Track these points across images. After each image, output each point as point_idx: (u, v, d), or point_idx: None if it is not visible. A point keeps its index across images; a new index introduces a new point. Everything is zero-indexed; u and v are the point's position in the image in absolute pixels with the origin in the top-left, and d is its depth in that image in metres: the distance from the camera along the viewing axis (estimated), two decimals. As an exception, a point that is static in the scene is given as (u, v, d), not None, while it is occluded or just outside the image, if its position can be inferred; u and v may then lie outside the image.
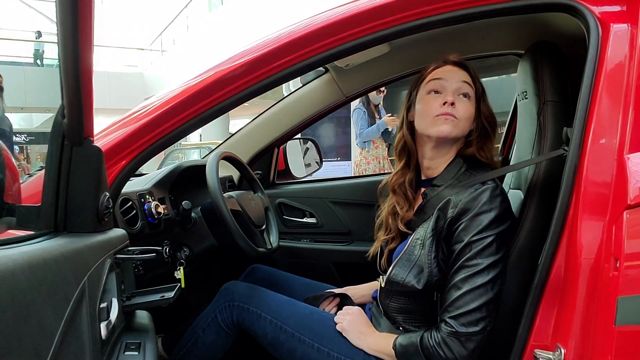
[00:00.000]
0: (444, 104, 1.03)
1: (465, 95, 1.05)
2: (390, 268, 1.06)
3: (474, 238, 0.95)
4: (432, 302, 1.02)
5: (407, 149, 1.14)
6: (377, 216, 1.22)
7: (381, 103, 4.19)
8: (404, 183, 1.13)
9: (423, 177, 1.13)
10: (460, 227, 0.96)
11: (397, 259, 1.05)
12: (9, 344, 0.44)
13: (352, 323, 1.11)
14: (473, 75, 1.07)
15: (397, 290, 1.06)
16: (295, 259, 1.88)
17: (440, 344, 0.94)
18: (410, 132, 1.13)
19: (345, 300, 1.32)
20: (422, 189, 1.12)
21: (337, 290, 1.36)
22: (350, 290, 1.36)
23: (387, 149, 4.14)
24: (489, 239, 0.94)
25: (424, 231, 1.02)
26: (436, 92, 1.05)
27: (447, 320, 0.94)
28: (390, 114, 4.06)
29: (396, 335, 1.04)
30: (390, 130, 4.00)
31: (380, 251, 1.18)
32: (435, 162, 1.09)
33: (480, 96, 1.07)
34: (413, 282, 1.01)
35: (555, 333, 0.86)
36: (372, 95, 3.96)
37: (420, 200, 1.10)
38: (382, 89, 3.96)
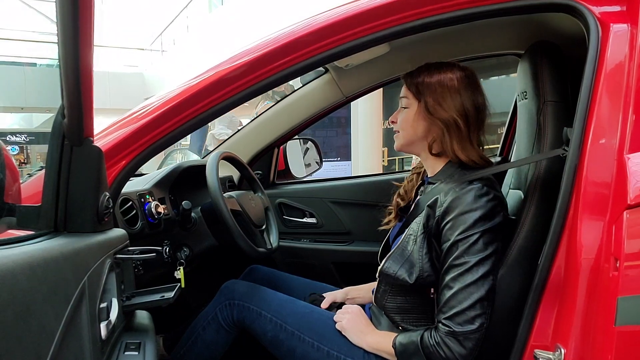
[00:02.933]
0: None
1: (404, 107, 1.12)
2: (384, 261, 1.07)
3: (459, 237, 0.96)
4: (429, 299, 1.03)
5: None
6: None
7: None
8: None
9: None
10: (447, 226, 0.98)
11: (390, 253, 1.06)
12: (9, 344, 0.44)
13: (351, 322, 1.11)
14: (411, 84, 1.10)
15: (391, 287, 1.07)
16: (295, 259, 1.88)
17: (440, 343, 0.94)
18: None
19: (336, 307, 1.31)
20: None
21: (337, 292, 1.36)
22: (352, 291, 1.36)
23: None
24: (474, 237, 0.95)
25: (417, 226, 1.04)
26: None
27: (443, 321, 0.95)
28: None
29: (396, 334, 1.04)
30: None
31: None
32: (426, 164, 1.15)
33: (425, 98, 1.07)
34: (404, 275, 1.02)
35: (555, 333, 0.86)
36: None
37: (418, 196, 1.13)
38: None
